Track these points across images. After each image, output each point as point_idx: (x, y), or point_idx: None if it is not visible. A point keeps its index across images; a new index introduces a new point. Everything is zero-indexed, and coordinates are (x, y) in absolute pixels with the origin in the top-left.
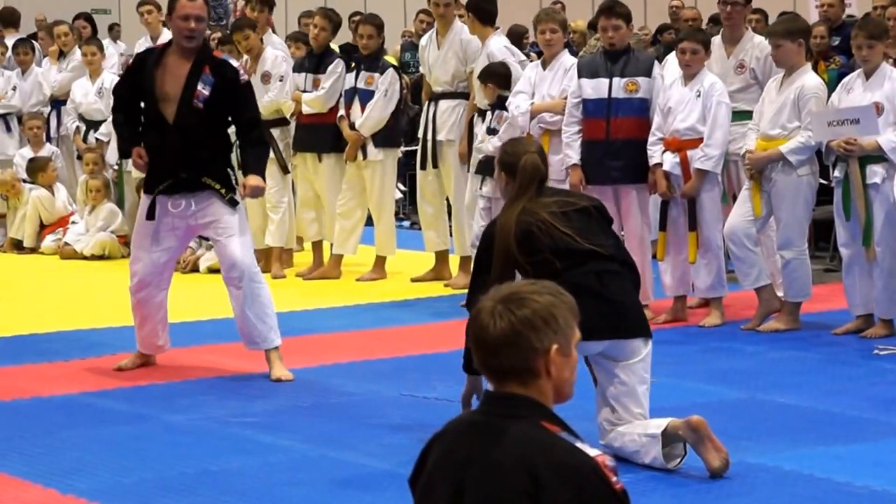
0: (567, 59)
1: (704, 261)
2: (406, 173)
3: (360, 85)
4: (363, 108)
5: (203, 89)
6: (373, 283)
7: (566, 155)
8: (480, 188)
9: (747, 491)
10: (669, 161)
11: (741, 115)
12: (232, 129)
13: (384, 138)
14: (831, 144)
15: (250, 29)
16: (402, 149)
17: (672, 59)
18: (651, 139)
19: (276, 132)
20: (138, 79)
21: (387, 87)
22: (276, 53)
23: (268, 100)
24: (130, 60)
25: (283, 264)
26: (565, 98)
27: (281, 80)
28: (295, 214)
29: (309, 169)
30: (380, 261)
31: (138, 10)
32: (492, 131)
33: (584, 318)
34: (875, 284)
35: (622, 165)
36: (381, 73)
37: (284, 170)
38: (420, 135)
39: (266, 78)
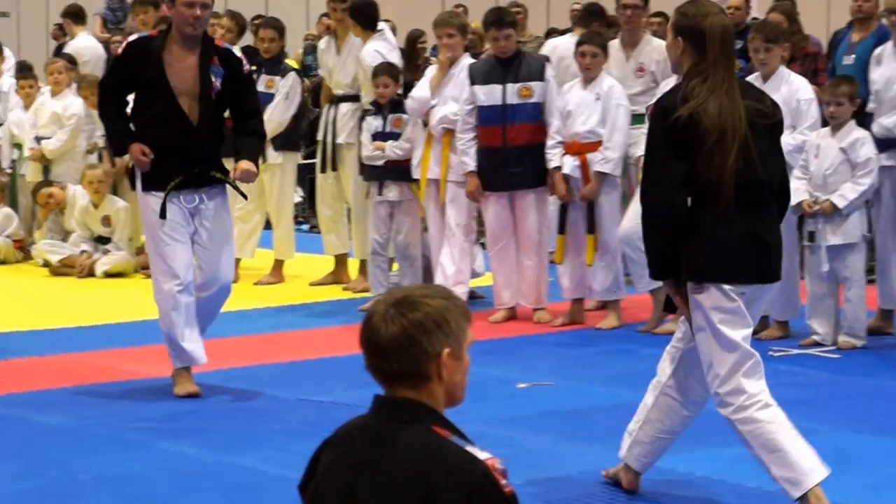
0: (467, 62)
1: (603, 263)
2: (306, 177)
3: (261, 88)
4: (263, 111)
5: (216, 81)
6: (271, 287)
7: (462, 162)
8: (380, 193)
9: (640, 492)
10: (569, 164)
11: (640, 119)
12: None
13: (284, 142)
14: None
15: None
16: (302, 152)
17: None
18: (550, 143)
19: None
20: (137, 70)
21: (287, 91)
22: None
23: None
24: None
25: None
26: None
27: None
28: None
29: None
30: (278, 264)
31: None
32: (382, 136)
33: None
34: (771, 286)
35: (521, 171)
36: (282, 77)
37: None
38: (320, 138)
39: None
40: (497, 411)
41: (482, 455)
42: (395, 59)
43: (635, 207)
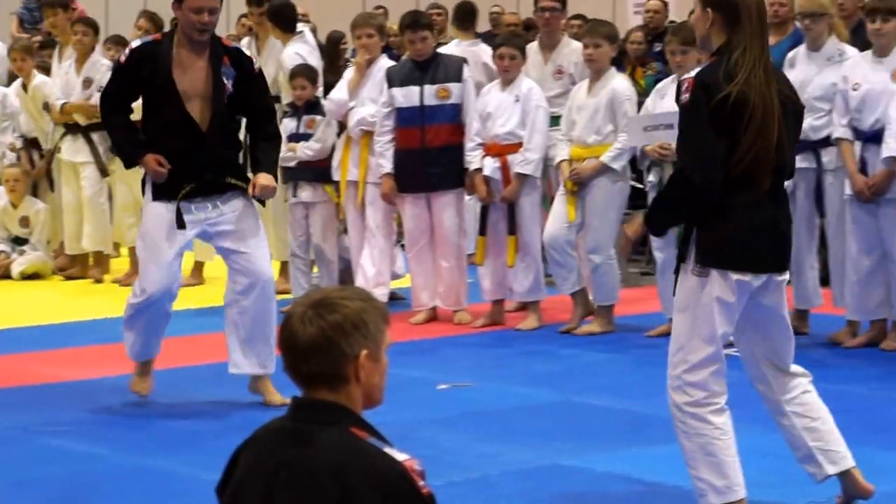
0: (385, 64)
1: (523, 264)
2: None
3: None
4: None
5: (228, 83)
6: (191, 289)
7: (379, 164)
8: (294, 195)
9: (560, 492)
10: (490, 166)
11: (558, 121)
12: None
13: None
14: (646, 149)
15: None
16: None
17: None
18: (469, 145)
19: (95, 136)
20: (145, 77)
21: None
22: (103, 60)
23: (91, 104)
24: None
25: (100, 269)
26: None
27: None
28: (112, 219)
29: (128, 173)
30: (199, 266)
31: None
32: (296, 137)
33: None
34: None
35: (439, 172)
36: None
37: (103, 173)
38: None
39: (88, 83)
40: (417, 412)
41: (400, 456)
42: (315, 60)
43: (560, 210)
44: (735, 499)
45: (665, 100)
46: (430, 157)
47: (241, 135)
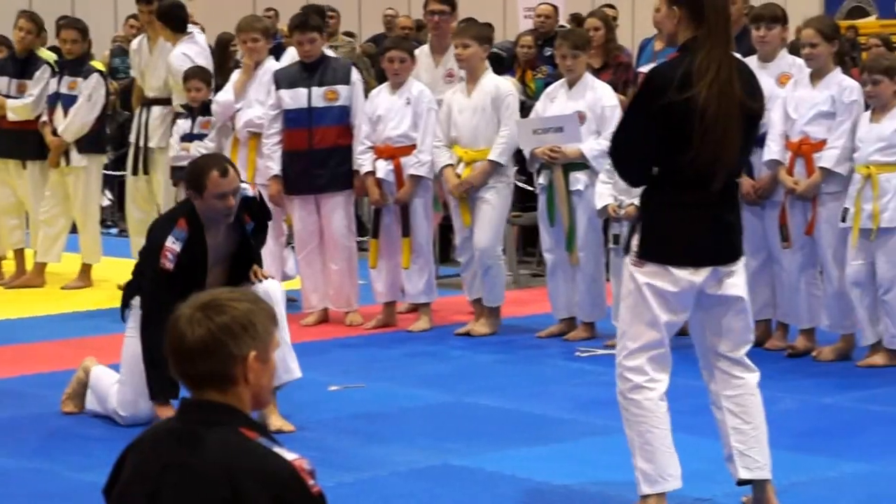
0: (272, 66)
1: (416, 266)
2: (115, 180)
3: (63, 90)
4: (66, 113)
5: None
6: (78, 291)
7: (267, 166)
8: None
9: (450, 492)
10: (383, 168)
11: None
12: None
13: (89, 144)
14: (536, 152)
15: None
16: (110, 154)
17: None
18: (360, 148)
19: None
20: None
21: (90, 92)
22: None
23: None
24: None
25: None
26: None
27: None
28: None
29: (11, 175)
30: (85, 268)
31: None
32: (190, 137)
33: None
34: (578, 288)
35: (327, 174)
36: (85, 78)
37: None
38: (132, 140)
39: None
40: (308, 413)
41: (290, 456)
42: (205, 62)
43: (491, 216)
44: (666, 489)
45: (555, 103)
46: (317, 158)
47: None
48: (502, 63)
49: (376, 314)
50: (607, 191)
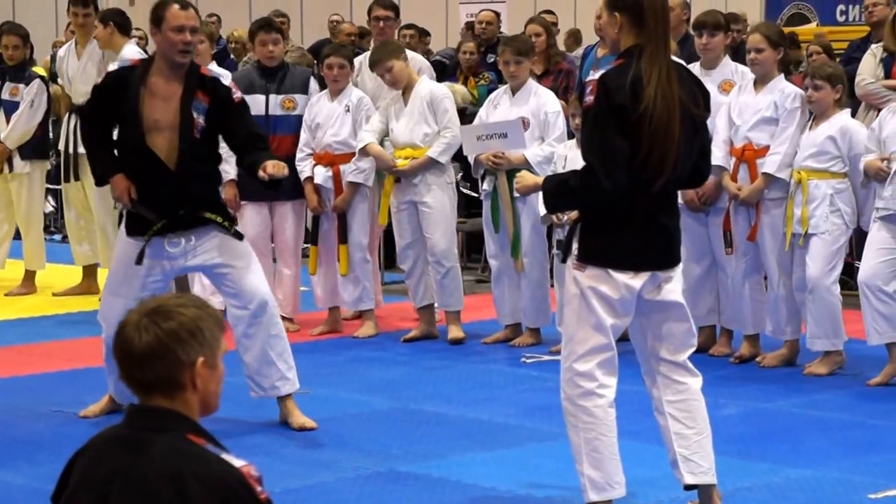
0: (218, 71)
1: (353, 274)
2: (58, 186)
3: (5, 96)
4: (8, 120)
5: (199, 118)
6: (22, 298)
7: (223, 170)
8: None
9: (396, 499)
10: (322, 175)
11: None
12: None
13: (31, 150)
14: (480, 158)
15: None
16: (55, 160)
17: None
18: (300, 154)
19: None
20: (115, 101)
21: (32, 98)
22: None
23: None
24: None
25: None
26: None
27: None
28: None
29: None
30: (29, 275)
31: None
32: None
33: None
34: (523, 295)
35: (282, 181)
36: (27, 84)
37: None
38: (61, 147)
39: None
40: (255, 419)
41: (237, 462)
42: None
43: (439, 219)
44: (613, 496)
45: (498, 109)
46: None
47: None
48: (445, 70)
49: (321, 321)
50: None
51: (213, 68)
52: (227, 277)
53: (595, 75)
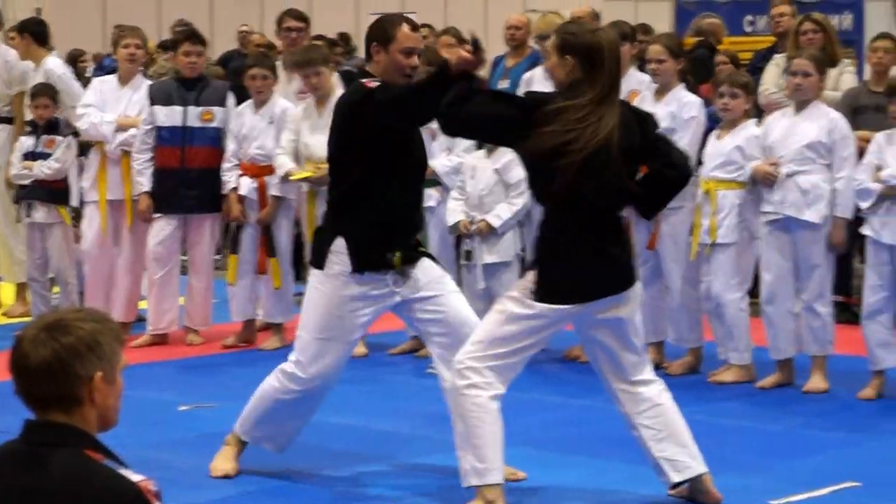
0: (145, 80)
1: (271, 286)
2: None
3: None
4: None
5: None
6: None
7: (137, 182)
8: (28, 215)
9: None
10: (247, 186)
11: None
12: None
13: None
14: None
15: None
16: None
17: None
18: (226, 165)
19: None
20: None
21: None
22: None
23: None
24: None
25: None
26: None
27: None
28: None
29: None
30: None
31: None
32: (33, 156)
33: None
34: None
35: (197, 194)
36: None
37: None
38: None
39: None
40: (157, 435)
41: (136, 477)
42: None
43: None
44: (493, 481)
45: None
46: (189, 178)
47: None
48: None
49: (235, 332)
50: (459, 207)
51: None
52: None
53: (502, 84)
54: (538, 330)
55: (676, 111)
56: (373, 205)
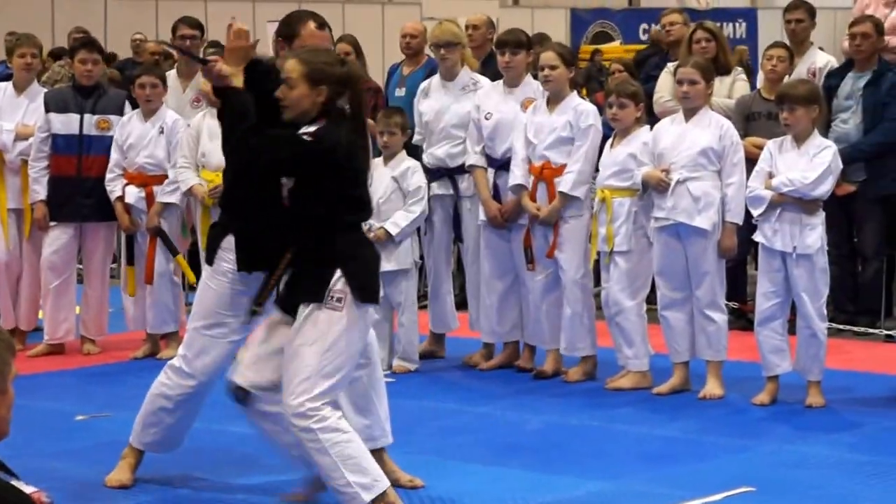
0: (39, 87)
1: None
2: None
3: None
4: None
5: None
6: None
7: (33, 190)
8: None
9: None
10: (134, 195)
11: None
12: None
13: None
14: None
15: None
16: None
17: None
18: (110, 175)
19: None
20: None
21: None
22: None
23: None
24: None
25: None
26: None
27: None
28: None
29: None
30: None
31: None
32: None
33: None
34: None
35: (93, 203)
36: None
37: None
38: None
39: None
40: (54, 444)
41: (28, 489)
42: None
43: None
44: (383, 489)
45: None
46: (85, 187)
47: None
48: None
49: (125, 341)
50: None
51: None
52: None
53: (399, 91)
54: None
55: (573, 120)
56: None
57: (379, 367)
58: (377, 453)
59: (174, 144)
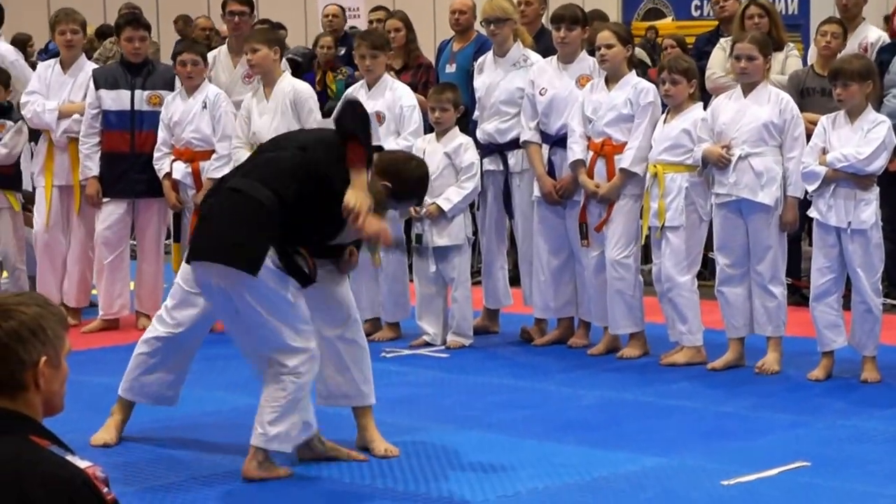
0: (88, 64)
1: None
2: None
3: None
4: None
5: None
6: None
7: (85, 166)
8: None
9: (252, 497)
10: (181, 171)
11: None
12: None
13: None
14: None
15: None
16: None
17: None
18: (157, 154)
19: None
20: None
21: None
22: None
23: None
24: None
25: None
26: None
27: None
28: None
29: None
30: None
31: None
32: None
33: None
34: (381, 289)
35: (146, 178)
36: None
37: None
38: None
39: None
40: (101, 421)
41: (83, 464)
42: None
43: None
44: (315, 428)
45: None
46: (138, 163)
47: None
48: (300, 68)
49: None
50: None
51: (86, 63)
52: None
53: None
54: None
55: (633, 97)
56: None
57: (358, 328)
58: (361, 412)
59: (217, 118)
